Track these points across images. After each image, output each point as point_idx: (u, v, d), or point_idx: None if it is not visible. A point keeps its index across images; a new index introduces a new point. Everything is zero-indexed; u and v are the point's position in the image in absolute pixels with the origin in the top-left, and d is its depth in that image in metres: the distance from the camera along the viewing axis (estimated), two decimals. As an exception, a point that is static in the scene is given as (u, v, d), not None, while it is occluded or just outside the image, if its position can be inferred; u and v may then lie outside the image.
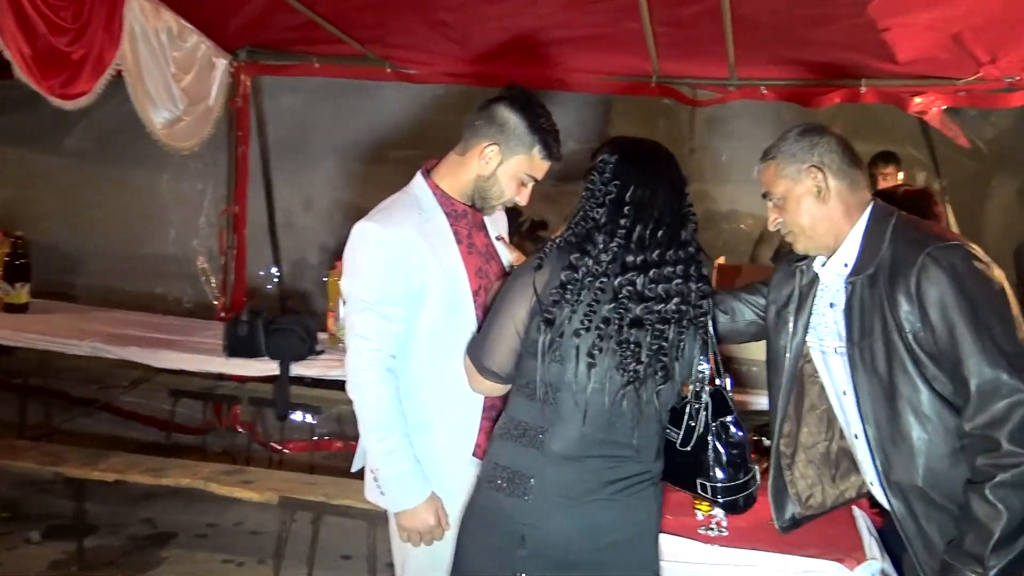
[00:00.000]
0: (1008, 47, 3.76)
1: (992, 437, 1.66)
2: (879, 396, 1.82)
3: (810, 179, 1.88)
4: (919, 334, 1.74)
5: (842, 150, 1.89)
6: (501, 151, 2.02)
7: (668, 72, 4.57)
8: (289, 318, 3.78)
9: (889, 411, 1.80)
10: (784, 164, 1.90)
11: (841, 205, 1.88)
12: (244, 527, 4.14)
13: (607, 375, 1.73)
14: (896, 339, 1.77)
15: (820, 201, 1.88)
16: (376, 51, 4.74)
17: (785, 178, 1.90)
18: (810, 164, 1.87)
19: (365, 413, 1.99)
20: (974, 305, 1.68)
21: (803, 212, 1.90)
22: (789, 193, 1.90)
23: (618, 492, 1.79)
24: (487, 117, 2.02)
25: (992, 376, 1.66)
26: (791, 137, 1.92)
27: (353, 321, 2.00)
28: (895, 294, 1.76)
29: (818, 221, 1.89)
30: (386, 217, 2.00)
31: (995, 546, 1.65)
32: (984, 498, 1.66)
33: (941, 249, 1.73)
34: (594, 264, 1.72)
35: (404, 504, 2.00)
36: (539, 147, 2.02)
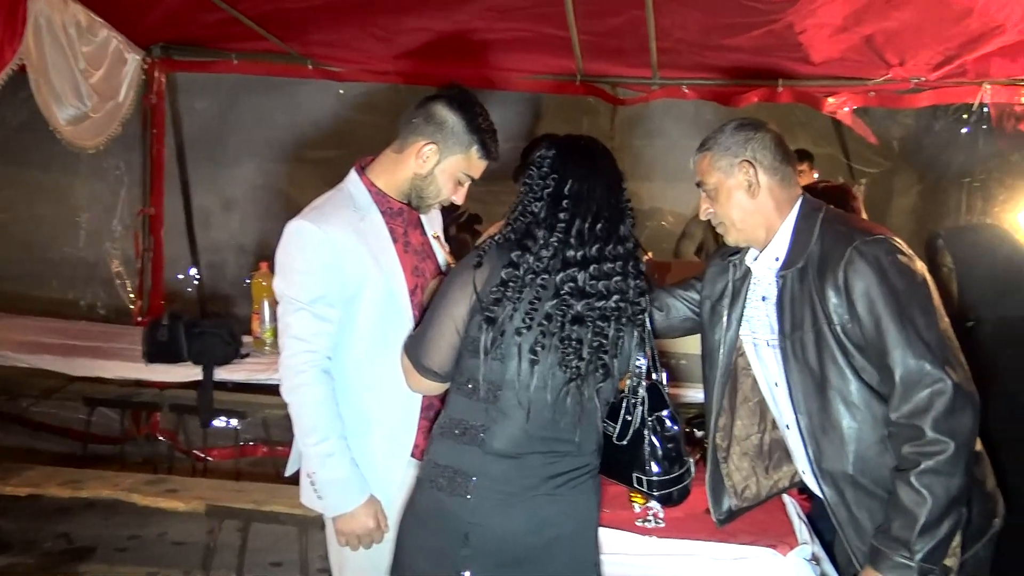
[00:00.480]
0: (915, 50, 3.93)
1: (916, 426, 1.71)
2: (810, 387, 1.85)
3: (742, 173, 1.90)
4: (847, 326, 1.78)
5: (775, 146, 1.92)
6: (439, 150, 1.99)
7: (592, 71, 4.63)
8: (212, 321, 3.69)
9: (820, 401, 1.84)
10: (718, 156, 1.93)
11: (771, 200, 1.91)
12: (168, 538, 4.00)
13: (550, 372, 1.73)
14: (826, 331, 1.81)
15: (750, 195, 1.91)
16: (298, 48, 4.64)
17: (718, 170, 1.93)
18: (743, 159, 1.90)
19: (301, 416, 1.95)
20: (898, 297, 1.73)
21: (734, 205, 1.93)
22: (721, 185, 1.93)
23: (559, 487, 1.79)
24: (425, 115, 2.00)
25: (915, 366, 1.70)
26: (728, 130, 1.95)
27: (287, 322, 1.95)
28: (824, 287, 1.80)
29: (748, 215, 1.93)
30: (320, 215, 1.96)
31: (920, 531, 1.70)
32: (910, 485, 1.71)
33: (867, 243, 1.77)
34: (535, 261, 1.72)
35: (342, 508, 1.96)
36: (477, 147, 2.01)
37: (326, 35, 4.40)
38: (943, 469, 1.69)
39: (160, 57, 4.86)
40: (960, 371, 1.72)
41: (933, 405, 1.69)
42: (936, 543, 1.71)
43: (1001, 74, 4.06)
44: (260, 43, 4.52)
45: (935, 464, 1.69)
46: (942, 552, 1.73)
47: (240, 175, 6.32)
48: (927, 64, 4.01)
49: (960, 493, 1.70)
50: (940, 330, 1.74)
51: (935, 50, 3.86)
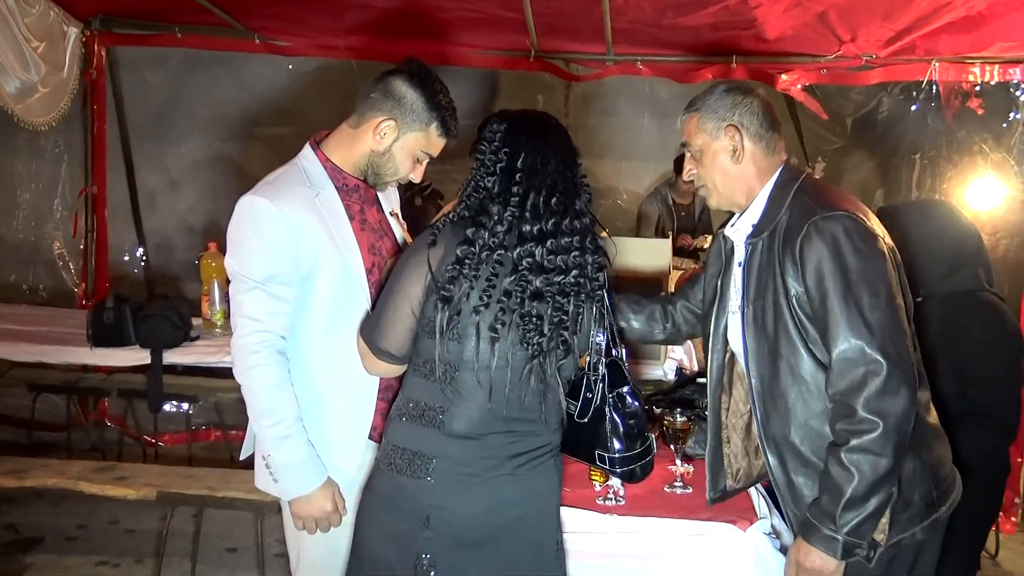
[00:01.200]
0: (867, 26, 3.95)
1: (849, 404, 1.73)
2: (764, 354, 1.88)
3: (727, 138, 1.90)
4: (800, 299, 1.79)
5: (762, 113, 1.91)
6: (397, 126, 1.94)
7: (547, 48, 4.58)
8: (160, 303, 3.59)
9: (771, 369, 1.87)
10: (705, 119, 1.92)
11: (754, 166, 1.92)
12: (119, 526, 3.92)
13: (511, 350, 1.71)
14: (783, 302, 1.82)
15: (734, 160, 1.91)
16: (244, 22, 4.51)
17: (704, 132, 1.93)
18: (729, 123, 1.90)
19: (255, 398, 1.90)
20: (847, 275, 1.73)
21: (717, 169, 1.93)
22: (706, 148, 1.93)
23: (520, 467, 1.78)
24: (384, 91, 1.94)
25: (854, 345, 1.72)
26: (717, 92, 1.94)
27: (240, 301, 1.89)
28: (784, 258, 1.81)
29: (731, 179, 1.93)
30: (274, 191, 1.90)
31: (845, 505, 1.73)
32: (839, 460, 1.74)
33: (826, 219, 1.77)
34: (490, 236, 1.69)
35: (299, 491, 1.92)
36: (436, 124, 1.96)
37: (273, 8, 4.28)
38: (871, 448, 1.71)
39: (100, 30, 4.70)
40: (900, 354, 1.72)
41: (866, 385, 1.71)
42: (862, 518, 1.73)
43: (949, 51, 4.11)
44: (205, 16, 4.38)
45: (863, 442, 1.71)
46: (869, 527, 1.76)
47: (187, 153, 6.16)
48: (878, 41, 4.04)
49: (888, 472, 1.72)
50: (885, 311, 1.73)
51: (886, 26, 3.89)
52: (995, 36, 3.87)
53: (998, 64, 4.14)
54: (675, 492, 2.22)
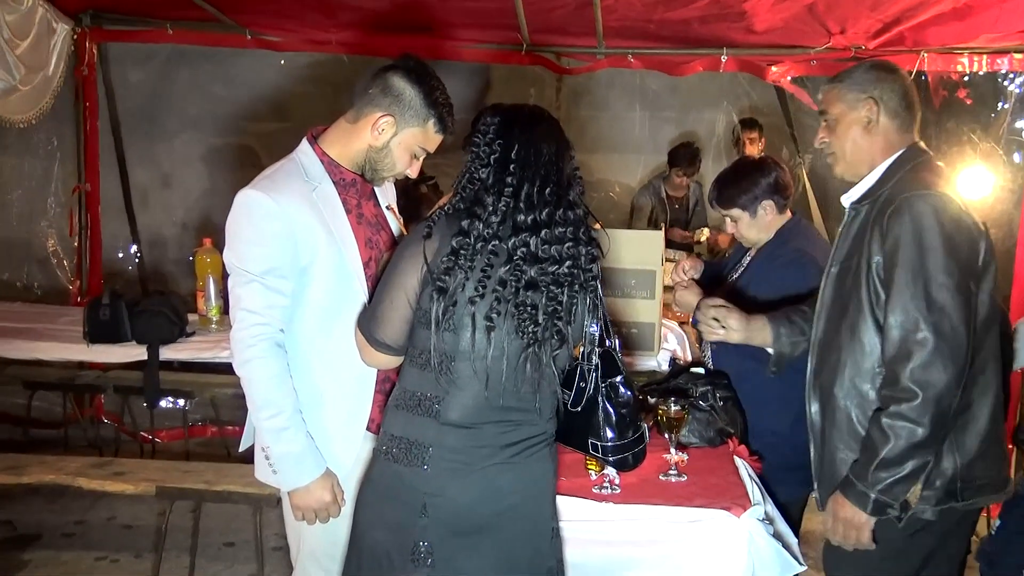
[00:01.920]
0: (855, 18, 3.98)
1: (894, 371, 1.84)
2: (836, 311, 2.01)
3: (864, 109, 2.00)
4: (879, 267, 1.90)
5: (903, 92, 2.01)
6: (395, 122, 1.96)
7: (538, 42, 4.59)
8: (155, 299, 3.60)
9: (835, 325, 2.00)
10: (847, 89, 2.02)
11: (883, 141, 2.01)
12: (117, 522, 3.93)
13: (506, 339, 1.73)
14: (863, 266, 1.93)
15: (867, 132, 2.01)
16: (235, 17, 4.51)
17: (843, 102, 2.02)
18: (869, 95, 2.00)
19: (254, 390, 1.92)
20: (923, 252, 1.82)
21: (849, 138, 2.03)
22: (842, 117, 2.03)
23: (515, 455, 1.80)
24: (382, 86, 1.95)
25: (911, 316, 1.81)
26: (863, 67, 2.06)
27: (238, 294, 1.91)
28: (874, 227, 1.91)
29: (859, 149, 2.02)
30: (271, 185, 1.92)
31: (878, 465, 1.85)
32: (879, 424, 1.86)
33: (919, 196, 1.86)
34: (485, 227, 1.71)
35: (298, 482, 1.94)
36: (434, 120, 1.98)
37: (264, 3, 4.28)
38: (909, 415, 1.81)
39: (90, 26, 4.69)
40: (954, 335, 1.80)
41: (912, 355, 1.81)
42: (894, 480, 1.85)
43: (937, 42, 4.14)
44: (195, 11, 4.38)
45: (902, 409, 1.82)
46: (901, 490, 1.87)
47: (179, 149, 6.17)
48: (866, 32, 4.07)
49: (924, 440, 1.81)
50: (953, 294, 1.81)
51: (874, 18, 3.92)
52: (981, 27, 3.91)
53: (986, 55, 4.17)
54: (670, 480, 2.24)
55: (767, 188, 2.66)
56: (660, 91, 6.19)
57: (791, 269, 2.59)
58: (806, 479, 2.75)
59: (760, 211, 2.67)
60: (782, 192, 2.68)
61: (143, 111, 5.85)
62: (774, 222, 2.69)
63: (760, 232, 2.70)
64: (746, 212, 2.68)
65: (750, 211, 2.67)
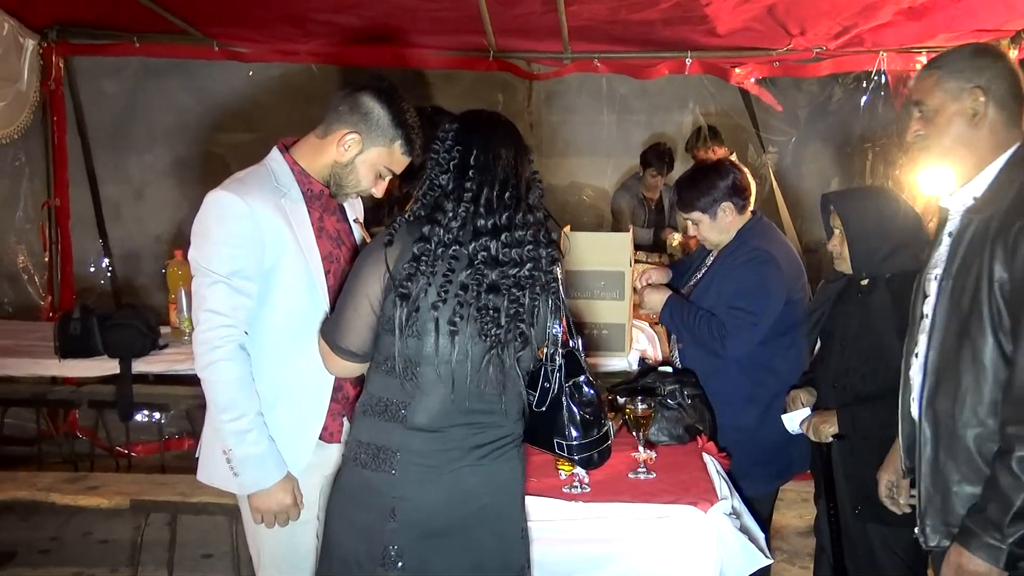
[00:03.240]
0: (815, 19, 4.05)
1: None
2: (952, 331, 1.81)
3: (970, 99, 1.78)
4: (1004, 287, 1.71)
5: (1012, 80, 1.80)
6: (362, 140, 1.99)
7: (505, 47, 4.63)
8: (127, 312, 3.59)
9: (954, 347, 1.80)
10: (948, 77, 1.80)
11: (991, 136, 1.79)
12: (93, 537, 3.91)
13: (470, 342, 1.76)
14: (984, 285, 1.74)
15: (972, 125, 1.79)
16: (202, 29, 4.51)
17: (944, 92, 1.80)
18: (976, 84, 1.78)
19: (217, 392, 1.93)
20: None
21: (951, 132, 1.80)
22: (943, 108, 1.80)
23: (484, 457, 1.82)
24: (351, 104, 1.98)
25: None
26: (964, 52, 1.84)
27: (203, 295, 1.92)
28: (996, 242, 1.72)
29: (962, 144, 1.80)
30: (242, 187, 1.94)
31: (1015, 516, 1.66)
32: (1009, 469, 1.66)
33: None
34: (445, 233, 1.74)
35: (259, 485, 1.95)
36: (401, 141, 2.01)
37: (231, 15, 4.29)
38: None
39: (57, 41, 4.68)
40: None
41: None
42: None
43: (895, 43, 4.23)
44: (162, 23, 4.38)
45: None
46: None
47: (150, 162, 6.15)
48: (826, 33, 4.15)
49: None
50: None
51: (833, 19, 3.99)
52: (938, 28, 4.00)
53: (944, 53, 4.25)
54: (639, 478, 2.28)
55: (726, 190, 2.72)
56: (628, 94, 6.24)
57: (751, 267, 2.65)
58: (774, 474, 2.82)
59: (720, 213, 2.72)
60: (741, 193, 2.74)
61: (113, 124, 5.83)
62: (734, 223, 2.75)
63: (721, 234, 2.76)
64: (706, 215, 2.73)
65: (710, 213, 2.73)
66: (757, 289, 2.64)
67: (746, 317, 2.61)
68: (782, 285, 2.67)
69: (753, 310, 2.62)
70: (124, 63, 5.20)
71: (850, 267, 2.45)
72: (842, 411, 2.42)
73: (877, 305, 2.40)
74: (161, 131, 5.94)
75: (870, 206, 2.49)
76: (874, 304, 2.41)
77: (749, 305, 2.62)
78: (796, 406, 2.62)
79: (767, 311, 2.64)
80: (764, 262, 2.64)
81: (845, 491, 2.49)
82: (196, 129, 5.93)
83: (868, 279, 2.45)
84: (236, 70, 5.18)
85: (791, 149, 5.87)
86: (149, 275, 5.97)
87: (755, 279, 2.63)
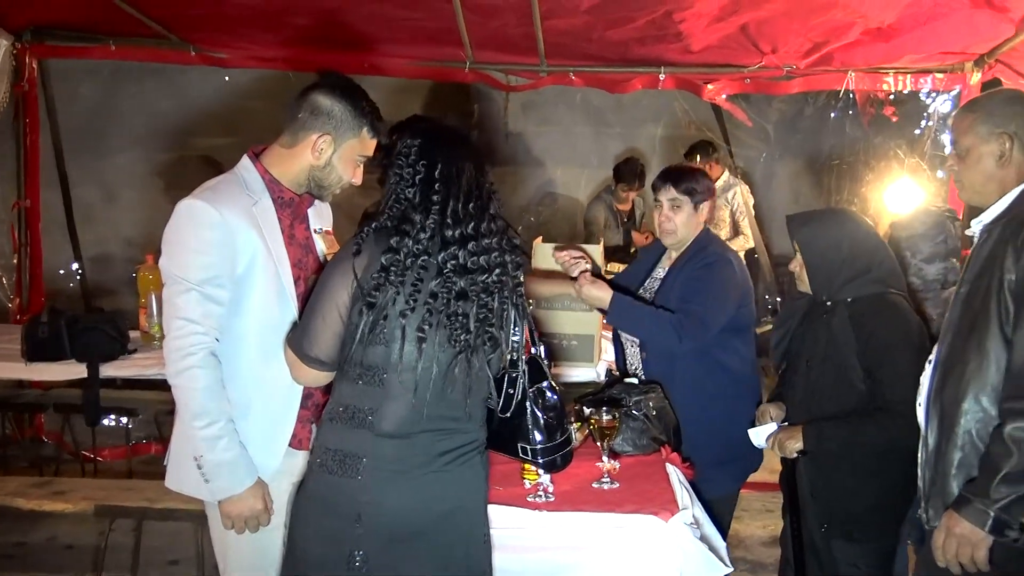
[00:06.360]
0: (786, 39, 4.13)
1: (1020, 384, 1.79)
2: (963, 328, 1.93)
3: (997, 144, 1.95)
4: (1012, 284, 1.84)
5: None
6: (333, 139, 2.03)
7: (482, 59, 4.67)
8: (96, 316, 3.59)
9: (962, 341, 1.92)
10: (980, 121, 1.97)
11: (1015, 174, 1.96)
12: (58, 542, 3.86)
13: (439, 349, 1.78)
14: (994, 284, 1.86)
15: (999, 166, 1.96)
16: (179, 33, 4.51)
17: (975, 134, 1.97)
18: (1004, 131, 1.94)
19: (189, 399, 1.94)
20: None
21: (979, 170, 1.98)
22: (973, 149, 1.98)
23: (449, 463, 1.85)
24: (310, 109, 2.02)
25: None
26: (999, 98, 2.03)
27: (176, 304, 1.93)
28: (1007, 244, 1.86)
29: (989, 180, 1.98)
30: (214, 195, 1.96)
31: (1000, 481, 1.78)
32: (1000, 438, 1.79)
33: None
34: (415, 244, 1.77)
35: (231, 491, 1.97)
36: (367, 128, 2.05)
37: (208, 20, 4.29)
38: None
39: (31, 42, 4.64)
40: None
41: None
42: (1016, 498, 1.79)
43: (864, 62, 4.31)
44: (139, 27, 4.37)
45: None
46: (1022, 508, 1.80)
47: (124, 166, 6.12)
48: (797, 52, 4.22)
49: None
50: None
51: (804, 38, 4.06)
52: (905, 48, 4.08)
53: (910, 74, 4.35)
54: (603, 488, 2.31)
55: (710, 192, 2.84)
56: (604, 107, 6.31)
57: (714, 268, 2.74)
58: (737, 473, 2.88)
59: (700, 209, 2.81)
60: (712, 203, 2.82)
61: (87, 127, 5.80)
62: (699, 226, 2.83)
63: (689, 230, 2.82)
64: (691, 203, 2.79)
65: (695, 203, 2.80)
66: (716, 289, 2.73)
67: (703, 314, 2.68)
68: (737, 289, 2.77)
69: (710, 308, 2.70)
70: (100, 65, 5.17)
71: (810, 289, 2.51)
72: (808, 427, 2.46)
73: (838, 328, 2.45)
74: (135, 134, 5.92)
75: (829, 231, 2.52)
76: (836, 327, 2.46)
77: (706, 303, 2.70)
78: (764, 420, 2.67)
79: (723, 310, 2.72)
80: (725, 265, 2.76)
81: (812, 508, 2.54)
82: (171, 132, 5.92)
83: (830, 303, 2.50)
84: (212, 75, 5.20)
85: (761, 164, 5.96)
86: (120, 279, 5.94)
87: (716, 280, 2.73)
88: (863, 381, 2.41)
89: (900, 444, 2.24)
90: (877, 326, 2.40)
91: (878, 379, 2.38)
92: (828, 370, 2.47)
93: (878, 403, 2.38)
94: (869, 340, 2.40)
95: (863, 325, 2.41)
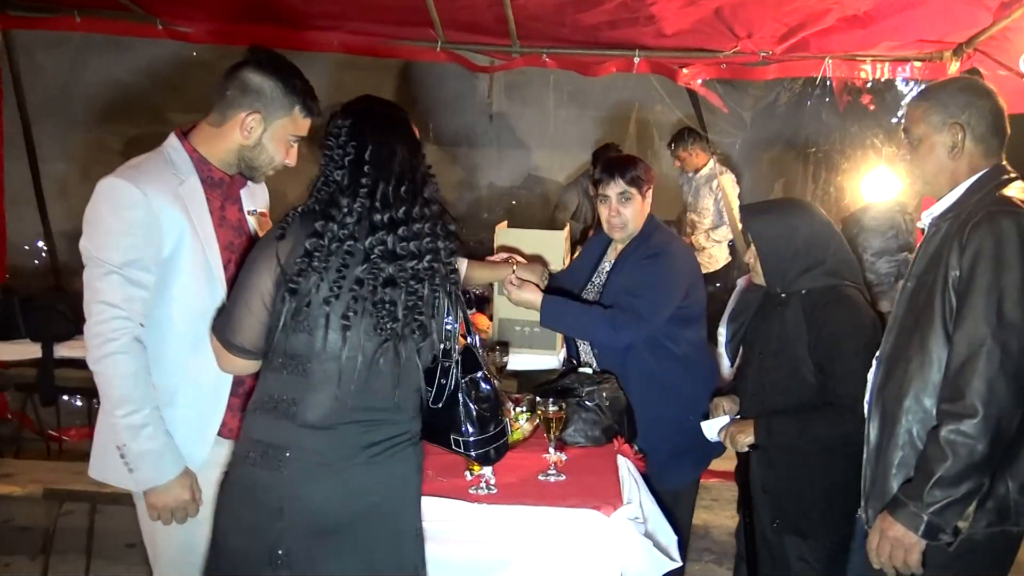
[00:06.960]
0: (762, 23, 4.04)
1: (958, 386, 1.77)
2: (908, 324, 1.93)
3: (949, 134, 1.92)
4: (956, 280, 1.82)
5: (992, 119, 1.93)
6: (263, 118, 1.96)
7: (454, 39, 4.58)
8: (51, 295, 3.55)
9: (906, 338, 1.92)
10: (933, 111, 1.94)
11: (967, 165, 1.93)
12: (13, 523, 3.84)
13: (364, 337, 1.73)
14: (939, 280, 1.85)
15: (950, 157, 1.93)
16: (145, 7, 4.41)
17: (927, 124, 1.94)
18: (956, 121, 1.91)
19: (111, 386, 1.88)
20: (1001, 267, 1.76)
21: (930, 160, 1.95)
22: (925, 138, 1.95)
23: (377, 455, 1.80)
24: (239, 86, 1.94)
25: (980, 331, 1.75)
26: (952, 87, 1.98)
27: (97, 287, 1.86)
28: (953, 240, 1.84)
29: (941, 172, 1.95)
30: (137, 174, 1.89)
31: (934, 485, 1.77)
32: (936, 441, 1.78)
33: (1003, 212, 1.80)
34: (340, 228, 1.72)
35: (156, 481, 1.92)
36: (299, 107, 1.99)
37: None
38: (970, 432, 1.74)
39: (-6, 13, 4.54)
40: (1020, 354, 1.75)
41: (978, 371, 1.74)
42: (949, 502, 1.77)
43: (840, 49, 4.23)
44: (105, 0, 4.28)
45: (963, 427, 1.75)
46: (955, 513, 1.79)
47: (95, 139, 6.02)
48: (773, 37, 4.14)
49: (982, 460, 1.75)
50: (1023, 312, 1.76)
51: (779, 23, 3.98)
52: (882, 36, 4.01)
53: (887, 62, 4.28)
54: (548, 480, 2.27)
55: (652, 177, 2.80)
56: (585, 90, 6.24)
57: (658, 261, 2.69)
58: (695, 462, 2.85)
59: (647, 197, 2.78)
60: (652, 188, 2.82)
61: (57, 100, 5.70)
62: (645, 214, 2.78)
63: (638, 218, 2.78)
64: (639, 193, 2.75)
65: (643, 194, 2.76)
66: (658, 282, 2.68)
67: (639, 306, 2.64)
68: (682, 280, 2.73)
69: (649, 300, 2.66)
70: (64, 37, 5.07)
71: (763, 281, 2.47)
72: (759, 421, 2.43)
73: (791, 321, 2.42)
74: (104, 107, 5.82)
75: (783, 222, 2.49)
76: (789, 319, 2.42)
77: (646, 295, 2.66)
78: (718, 413, 2.64)
79: (664, 303, 2.68)
80: (667, 257, 2.72)
81: (764, 503, 2.51)
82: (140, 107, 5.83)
83: (784, 294, 2.46)
84: (180, 50, 5.09)
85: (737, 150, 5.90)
86: (91, 256, 5.85)
87: (657, 272, 2.69)
88: (814, 375, 2.37)
89: (850, 440, 2.21)
90: (828, 319, 2.36)
91: (828, 373, 2.35)
92: (780, 363, 2.44)
93: (828, 398, 2.35)
94: (820, 333, 2.36)
95: (815, 317, 2.37)
